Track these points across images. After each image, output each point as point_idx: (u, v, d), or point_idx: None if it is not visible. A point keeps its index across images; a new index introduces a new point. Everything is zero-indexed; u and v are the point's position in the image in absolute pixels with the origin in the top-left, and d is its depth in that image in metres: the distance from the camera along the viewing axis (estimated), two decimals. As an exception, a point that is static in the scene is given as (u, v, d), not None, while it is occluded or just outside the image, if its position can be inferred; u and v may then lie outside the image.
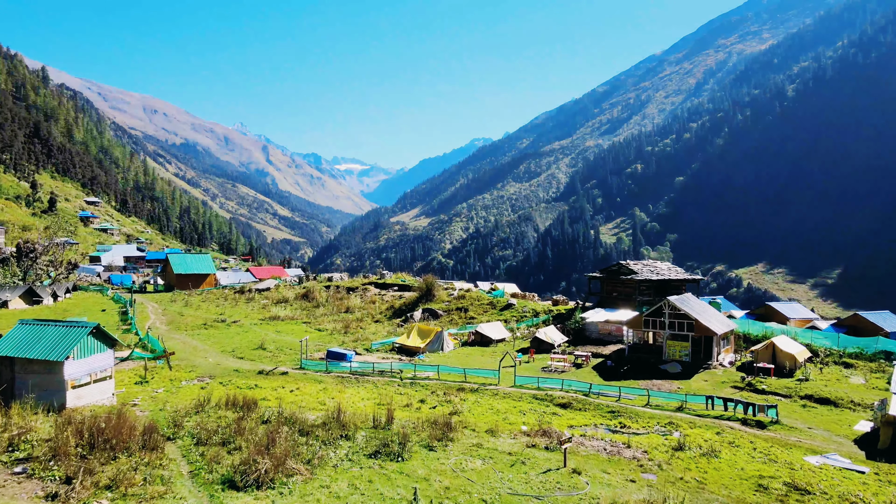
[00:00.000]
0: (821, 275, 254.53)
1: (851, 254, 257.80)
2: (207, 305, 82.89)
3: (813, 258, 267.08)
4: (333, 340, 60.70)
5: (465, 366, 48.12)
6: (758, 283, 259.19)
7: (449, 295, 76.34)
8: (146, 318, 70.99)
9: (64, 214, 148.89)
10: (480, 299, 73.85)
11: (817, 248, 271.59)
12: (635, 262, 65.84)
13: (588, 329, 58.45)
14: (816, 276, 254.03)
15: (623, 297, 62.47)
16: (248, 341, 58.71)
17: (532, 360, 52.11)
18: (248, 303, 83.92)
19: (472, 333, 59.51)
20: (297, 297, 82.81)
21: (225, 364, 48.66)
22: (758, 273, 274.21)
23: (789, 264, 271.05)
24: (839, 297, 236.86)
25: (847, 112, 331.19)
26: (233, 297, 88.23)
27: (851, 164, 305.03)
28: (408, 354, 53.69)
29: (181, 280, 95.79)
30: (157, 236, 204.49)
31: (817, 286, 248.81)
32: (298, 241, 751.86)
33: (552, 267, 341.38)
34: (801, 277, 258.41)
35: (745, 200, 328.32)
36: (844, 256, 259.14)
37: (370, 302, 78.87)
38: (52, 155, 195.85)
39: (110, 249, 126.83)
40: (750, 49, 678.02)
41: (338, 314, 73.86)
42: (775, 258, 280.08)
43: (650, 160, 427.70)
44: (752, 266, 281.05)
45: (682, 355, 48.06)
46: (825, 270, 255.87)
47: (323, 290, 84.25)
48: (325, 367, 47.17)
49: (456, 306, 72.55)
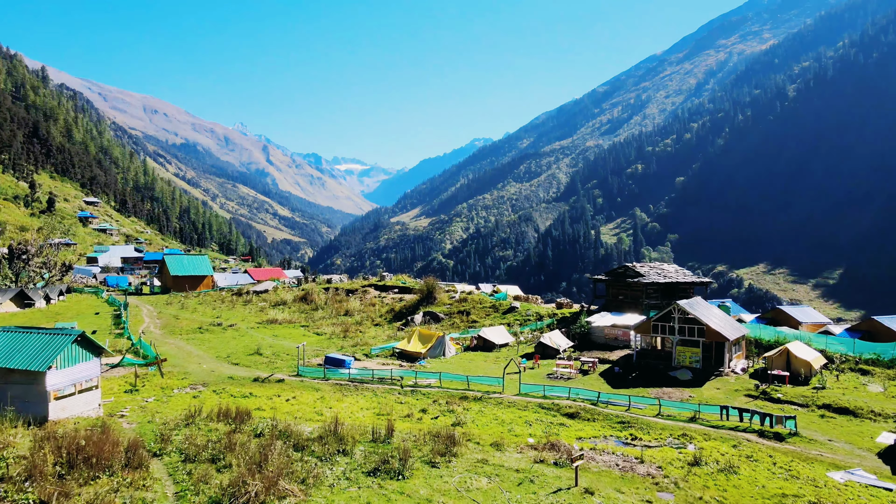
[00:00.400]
0: (822, 275, 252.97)
1: (853, 254, 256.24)
2: (204, 308, 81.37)
3: (814, 258, 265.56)
4: (332, 345, 59.14)
5: (468, 372, 46.25)
6: (759, 284, 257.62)
7: (450, 298, 74.40)
8: (140, 322, 69.09)
9: (63, 215, 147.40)
10: (483, 302, 71.99)
11: (819, 249, 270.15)
12: (641, 264, 63.70)
13: (594, 334, 56.52)
14: (818, 277, 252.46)
15: (629, 300, 60.36)
16: (244, 346, 56.98)
17: (537, 365, 50.15)
18: (246, 305, 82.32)
19: (474, 338, 57.77)
20: (295, 300, 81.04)
21: (219, 371, 46.85)
22: (759, 273, 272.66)
23: (791, 264, 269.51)
24: (841, 297, 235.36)
25: (849, 112, 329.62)
26: (230, 299, 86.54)
27: (853, 164, 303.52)
28: (409, 360, 52.03)
29: (178, 282, 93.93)
30: (156, 237, 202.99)
31: (819, 286, 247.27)
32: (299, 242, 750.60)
33: (552, 267, 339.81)
34: (802, 278, 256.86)
35: (746, 200, 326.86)
36: (846, 257, 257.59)
37: (370, 304, 76.98)
38: (52, 155, 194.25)
39: (108, 250, 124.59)
40: (751, 49, 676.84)
41: (337, 317, 72.17)
42: (776, 258, 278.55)
43: (651, 160, 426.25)
44: (754, 266, 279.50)
45: (692, 362, 46.05)
46: (827, 271, 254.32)
47: (322, 293, 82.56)
48: (323, 374, 45.44)
49: (458, 309, 70.60)
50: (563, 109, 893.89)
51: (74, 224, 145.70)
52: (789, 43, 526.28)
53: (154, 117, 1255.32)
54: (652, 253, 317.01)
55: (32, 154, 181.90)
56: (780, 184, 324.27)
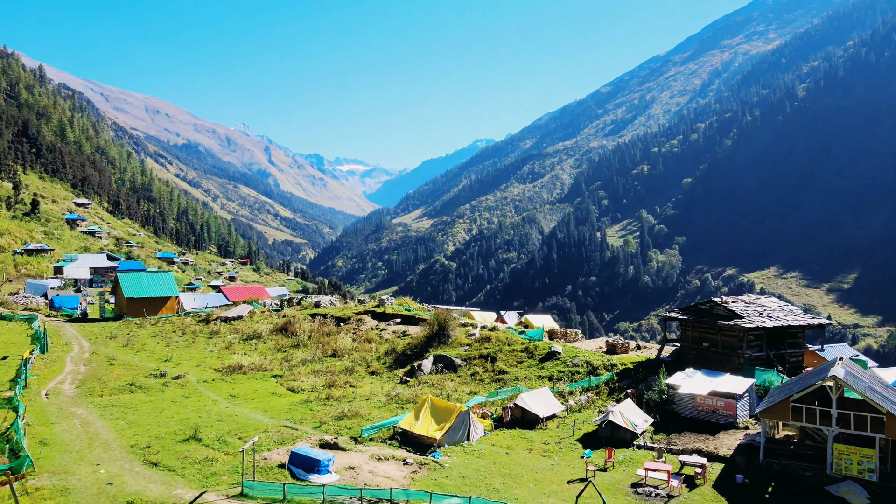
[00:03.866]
0: (836, 279, 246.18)
1: (867, 257, 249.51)
2: (155, 344, 63.21)
3: (827, 261, 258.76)
4: (308, 416, 39.31)
5: (512, 477, 29.68)
6: (771, 288, 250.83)
7: (468, 335, 57.32)
8: (58, 370, 49.79)
9: (48, 217, 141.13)
10: (511, 342, 54.39)
11: (831, 252, 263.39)
12: (734, 299, 46.56)
13: (679, 402, 38.27)
14: (832, 281, 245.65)
15: (720, 349, 43.03)
16: (180, 421, 36.82)
17: (611, 465, 31.34)
18: (210, 339, 65.14)
19: (509, 409, 39.84)
20: (273, 331, 64.64)
21: (120, 483, 26.92)
22: (770, 277, 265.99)
23: (803, 268, 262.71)
24: (857, 302, 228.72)
25: (860, 111, 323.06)
26: (193, 329, 69.32)
27: (865, 164, 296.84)
28: (417, 447, 34.19)
29: (134, 305, 75.54)
30: (149, 239, 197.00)
31: (833, 291, 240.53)
32: (300, 243, 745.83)
33: (557, 270, 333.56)
34: (815, 282, 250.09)
35: (755, 202, 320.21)
36: (860, 260, 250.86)
37: (365, 341, 60.47)
38: (42, 155, 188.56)
39: (76, 259, 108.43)
40: (756, 49, 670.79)
41: (321, 361, 55.54)
42: (788, 262, 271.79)
43: (657, 161, 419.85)
44: (764, 270, 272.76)
45: (863, 470, 28.22)
46: (840, 275, 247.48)
47: (307, 321, 66.18)
48: (283, 494, 25.64)
49: (479, 352, 53.22)
50: (567, 110, 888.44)
51: (61, 227, 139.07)
52: (797, 42, 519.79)
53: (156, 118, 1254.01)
54: (659, 256, 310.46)
55: (21, 153, 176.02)
56: (790, 185, 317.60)
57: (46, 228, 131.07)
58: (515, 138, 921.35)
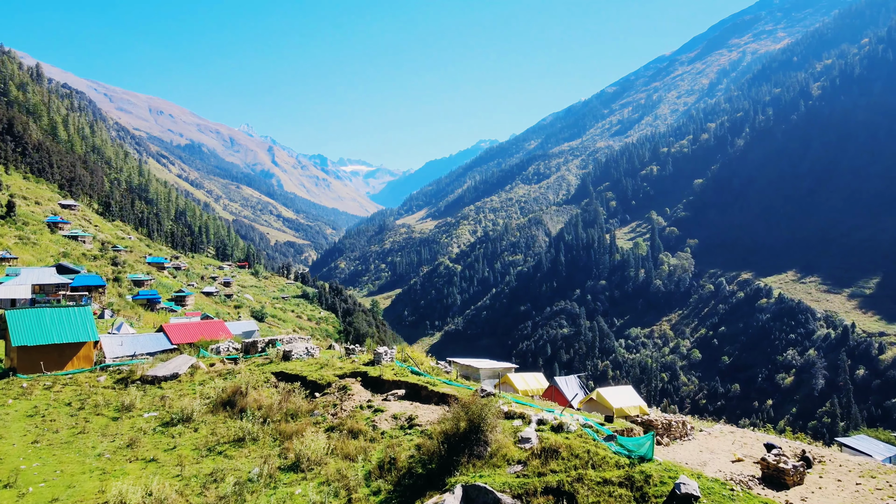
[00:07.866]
0: (857, 284, 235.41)
1: (889, 261, 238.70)
2: (21, 434, 29.71)
3: (847, 265, 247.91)
4: None
5: None
6: (790, 293, 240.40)
7: (518, 441, 23.51)
8: None
9: (27, 220, 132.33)
10: (596, 462, 21.05)
11: (851, 255, 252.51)
12: None
13: None
14: (853, 286, 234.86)
15: None
16: None
17: None
18: (115, 421, 32.43)
19: None
20: (212, 408, 33.36)
21: None
22: (788, 282, 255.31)
23: (822, 272, 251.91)
24: (881, 308, 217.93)
25: (878, 110, 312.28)
26: (99, 397, 36.32)
27: (885, 164, 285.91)
28: None
29: (27, 356, 35.66)
30: (140, 243, 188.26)
31: (855, 296, 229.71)
32: (302, 244, 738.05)
33: (565, 273, 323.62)
34: (836, 287, 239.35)
35: (769, 203, 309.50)
36: (882, 264, 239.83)
37: (348, 435, 28.04)
38: (27, 154, 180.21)
39: (18, 273, 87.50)
40: (765, 48, 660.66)
41: (272, 482, 24.15)
42: (806, 265, 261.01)
43: (666, 161, 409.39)
44: (782, 274, 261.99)
45: None
46: (862, 279, 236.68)
47: (266, 388, 29.04)
48: None
49: (541, 480, 20.73)
50: (571, 110, 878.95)
51: (40, 230, 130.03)
52: (808, 41, 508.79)
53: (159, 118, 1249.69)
54: (671, 259, 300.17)
55: (3, 152, 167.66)
56: (805, 185, 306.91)
57: (22, 233, 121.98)
58: (520, 139, 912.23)
